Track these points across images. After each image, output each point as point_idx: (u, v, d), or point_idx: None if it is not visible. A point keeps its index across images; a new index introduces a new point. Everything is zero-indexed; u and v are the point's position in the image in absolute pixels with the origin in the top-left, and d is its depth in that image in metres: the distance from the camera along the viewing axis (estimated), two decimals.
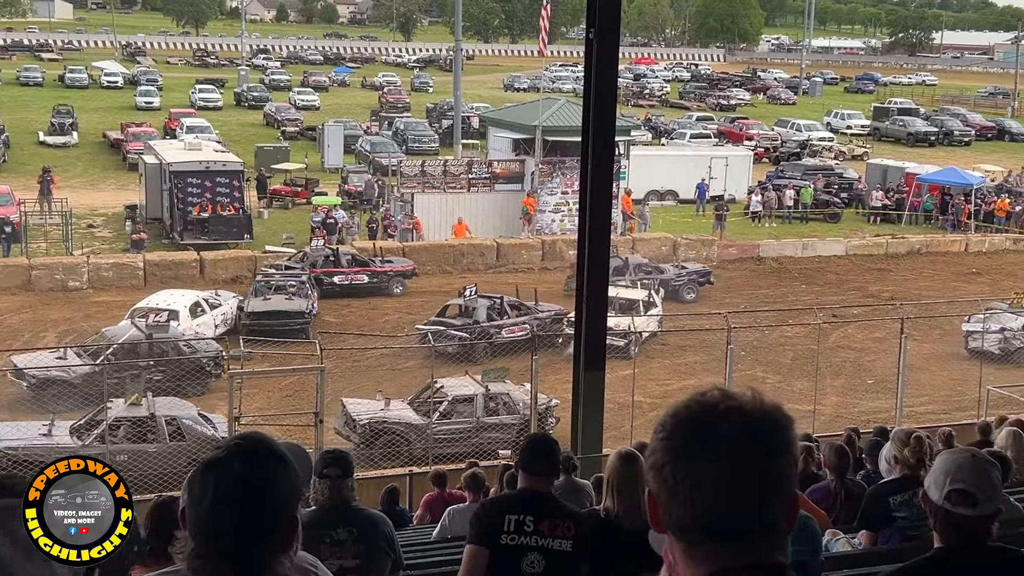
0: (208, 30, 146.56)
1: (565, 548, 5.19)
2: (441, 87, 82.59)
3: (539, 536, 5.20)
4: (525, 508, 5.28)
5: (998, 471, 3.57)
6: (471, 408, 20.06)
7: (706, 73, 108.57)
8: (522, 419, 19.92)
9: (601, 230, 14.30)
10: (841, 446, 8.44)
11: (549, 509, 5.29)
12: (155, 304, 26.58)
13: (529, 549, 5.20)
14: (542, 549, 5.19)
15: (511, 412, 20.18)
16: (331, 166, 49.46)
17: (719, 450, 1.78)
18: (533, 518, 5.23)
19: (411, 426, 19.71)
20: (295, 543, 2.23)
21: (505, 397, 20.33)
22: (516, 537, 5.20)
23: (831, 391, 23.31)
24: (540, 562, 5.19)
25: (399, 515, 11.34)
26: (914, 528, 6.13)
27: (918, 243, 39.35)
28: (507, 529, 5.22)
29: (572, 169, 35.19)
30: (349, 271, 31.44)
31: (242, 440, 2.22)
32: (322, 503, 5.82)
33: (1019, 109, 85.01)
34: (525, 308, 27.82)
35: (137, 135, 51.11)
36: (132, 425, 18.23)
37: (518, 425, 19.90)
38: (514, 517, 5.23)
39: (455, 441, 19.53)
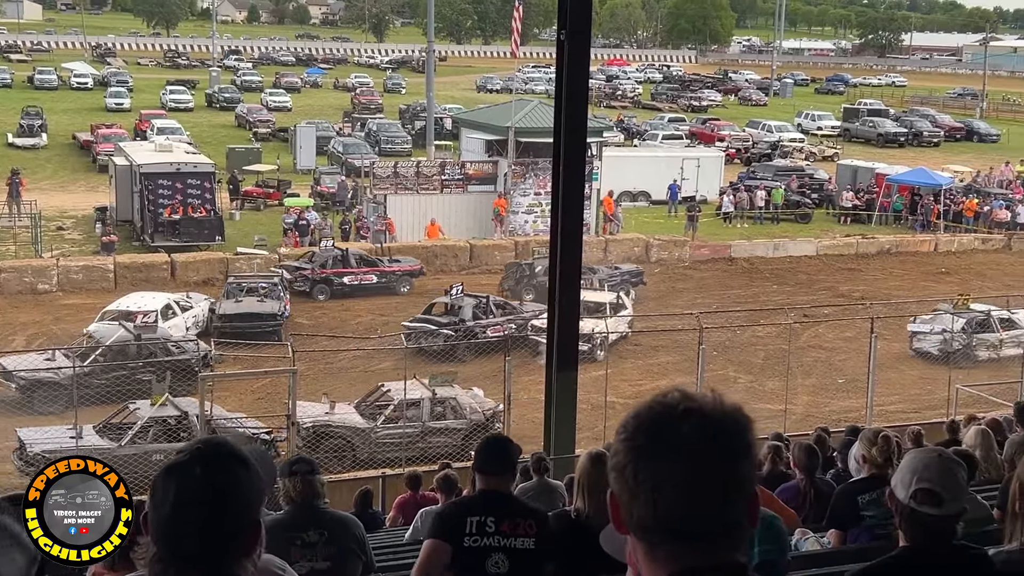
0: (179, 31, 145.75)
1: (528, 546, 5.20)
2: (414, 88, 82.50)
3: (501, 536, 5.20)
4: (486, 509, 5.27)
5: (964, 471, 3.60)
6: (418, 412, 19.90)
7: (678, 74, 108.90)
8: (469, 424, 19.89)
9: (573, 231, 14.32)
10: (810, 445, 8.48)
11: (509, 509, 5.29)
12: (125, 307, 26.43)
13: (493, 550, 5.20)
14: (505, 549, 5.19)
15: (458, 417, 20.06)
16: (303, 168, 49.29)
17: (680, 451, 1.79)
18: (494, 519, 5.23)
19: (356, 430, 19.55)
20: (258, 547, 2.23)
21: (452, 402, 20.20)
22: (479, 539, 5.20)
23: (802, 390, 23.44)
24: (504, 562, 5.19)
25: (372, 517, 11.32)
26: (882, 527, 6.16)
27: (888, 243, 39.62)
28: (469, 531, 5.21)
29: (545, 170, 35.20)
30: (358, 271, 31.61)
31: (204, 444, 2.22)
32: (295, 500, 5.79)
33: (987, 110, 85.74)
34: (511, 308, 27.88)
35: (107, 137, 50.74)
36: (162, 426, 18.19)
37: (465, 430, 19.84)
38: (475, 519, 5.22)
39: (401, 446, 19.40)
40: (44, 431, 18.50)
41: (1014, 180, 50.64)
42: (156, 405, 18.42)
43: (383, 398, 20.48)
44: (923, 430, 11.53)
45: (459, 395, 20.57)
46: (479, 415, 20.19)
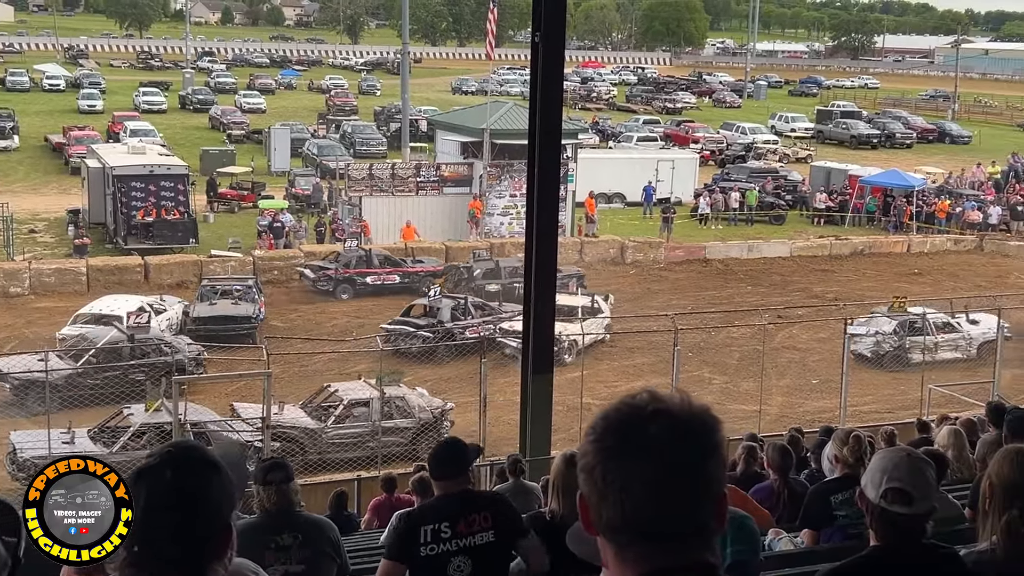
0: (152, 32, 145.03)
1: (488, 540, 5.20)
2: (389, 90, 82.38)
3: (459, 538, 5.19)
4: (439, 516, 5.26)
5: (933, 470, 3.63)
6: (367, 412, 19.87)
7: (652, 76, 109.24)
8: (417, 423, 19.89)
9: (548, 232, 14.33)
10: (784, 446, 8.52)
11: (463, 508, 5.26)
12: (99, 310, 26.28)
13: (452, 554, 5.19)
14: (466, 549, 5.17)
15: (407, 416, 20.04)
16: (278, 169, 49.14)
17: (648, 452, 1.80)
18: (449, 523, 5.21)
19: (306, 431, 19.51)
20: (229, 551, 2.23)
21: (400, 401, 20.17)
22: (435, 546, 5.19)
23: (776, 391, 23.55)
24: (467, 563, 5.18)
25: (347, 520, 11.30)
26: (855, 526, 6.19)
27: (861, 244, 39.85)
28: (424, 541, 5.20)
29: (520, 172, 35.21)
30: (381, 271, 31.92)
31: (174, 448, 2.22)
32: (268, 509, 5.78)
33: (959, 112, 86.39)
34: (489, 308, 27.90)
35: (80, 139, 50.45)
36: (157, 431, 17.98)
37: (414, 429, 19.86)
38: (428, 527, 5.21)
39: (351, 446, 19.44)
40: (36, 435, 18.35)
41: (986, 181, 51.03)
42: (150, 410, 18.32)
43: (330, 398, 20.40)
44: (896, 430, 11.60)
45: (407, 394, 20.51)
46: (428, 414, 20.17)
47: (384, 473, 13.52)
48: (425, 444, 19.68)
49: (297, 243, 36.29)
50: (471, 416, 19.96)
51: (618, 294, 32.00)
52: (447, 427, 20.26)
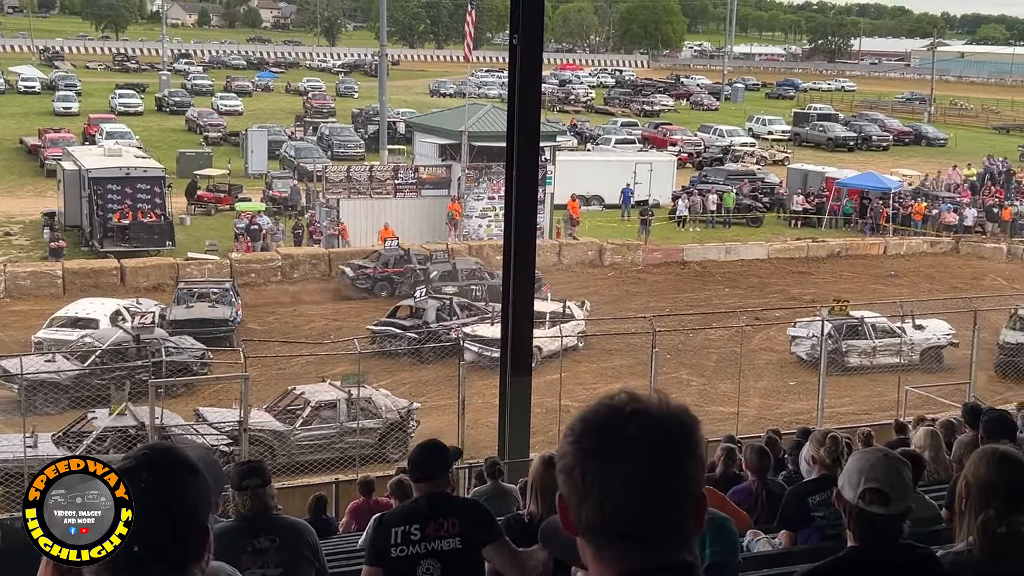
0: (128, 34, 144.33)
1: (455, 546, 5.21)
2: (366, 92, 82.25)
3: (427, 541, 5.21)
4: (409, 518, 5.29)
5: (909, 470, 3.65)
6: (334, 414, 19.87)
7: (630, 79, 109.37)
8: (384, 423, 19.91)
9: (526, 235, 14.35)
10: (762, 447, 8.55)
11: (433, 512, 5.27)
12: (75, 313, 26.14)
13: (421, 557, 5.21)
14: (434, 553, 5.19)
15: (373, 416, 20.05)
16: (255, 172, 48.98)
17: (627, 452, 1.80)
18: (419, 525, 5.23)
19: (274, 433, 19.50)
20: (206, 553, 2.22)
21: (366, 402, 20.15)
22: (405, 548, 5.22)
23: (754, 393, 23.63)
24: (436, 567, 5.19)
25: (326, 523, 11.26)
26: (832, 527, 6.22)
27: (838, 246, 40.03)
28: (395, 542, 5.23)
29: (498, 174, 35.21)
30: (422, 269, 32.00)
31: (150, 450, 2.20)
32: (245, 512, 5.76)
33: (935, 114, 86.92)
34: (475, 309, 27.89)
35: (55, 141, 50.15)
36: (120, 435, 17.92)
37: (381, 429, 19.90)
38: (399, 529, 5.24)
39: (319, 448, 19.46)
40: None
41: (962, 184, 51.35)
42: (114, 414, 18.18)
43: (296, 401, 20.36)
44: (873, 431, 11.66)
45: (373, 395, 20.53)
46: (394, 414, 20.17)
47: (362, 476, 13.52)
48: (392, 444, 19.80)
49: (274, 246, 36.18)
50: (450, 418, 19.95)
51: (596, 296, 32.07)
52: (414, 427, 20.28)
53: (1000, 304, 29.14)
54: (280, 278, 33.33)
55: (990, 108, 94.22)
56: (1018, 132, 79.11)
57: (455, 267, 31.78)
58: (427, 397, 23.25)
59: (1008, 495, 3.61)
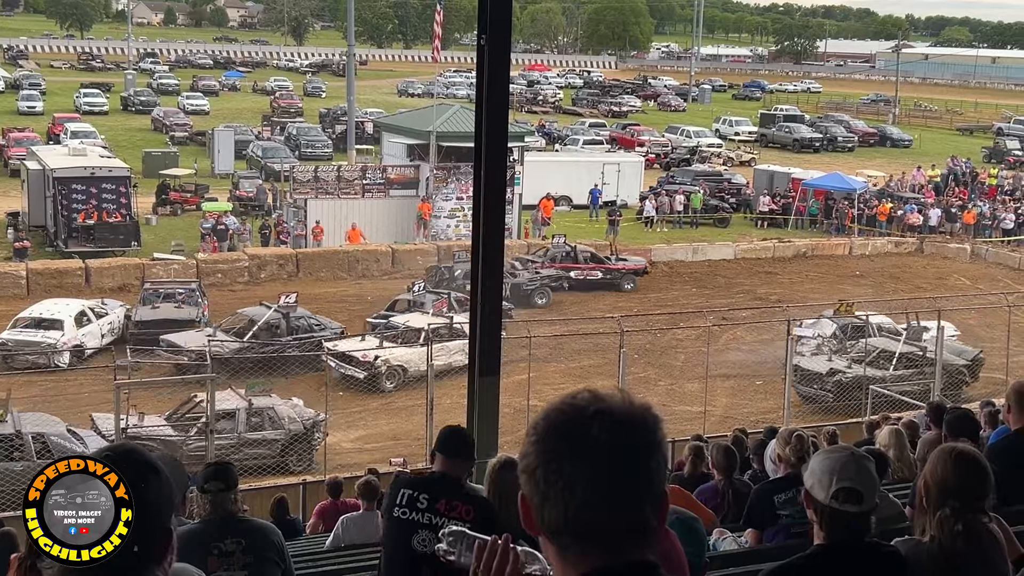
0: (93, 33, 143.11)
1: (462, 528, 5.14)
2: (334, 92, 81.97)
3: (432, 514, 5.18)
4: (423, 486, 5.31)
5: (875, 466, 3.69)
6: (232, 423, 19.09)
7: (598, 80, 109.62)
8: (287, 434, 19.39)
9: (494, 235, 14.32)
10: (728, 446, 8.59)
11: (450, 490, 5.26)
12: (39, 313, 25.91)
13: (420, 526, 5.18)
14: (436, 528, 5.12)
15: (276, 427, 19.48)
16: (221, 171, 48.70)
17: (590, 452, 1.80)
18: (428, 495, 5.23)
19: (165, 443, 18.48)
20: (169, 555, 2.21)
21: (270, 412, 19.61)
22: (407, 512, 5.21)
23: (721, 392, 23.73)
24: (432, 540, 5.09)
25: (290, 525, 11.23)
26: (799, 525, 6.25)
27: (804, 247, 40.28)
28: (399, 502, 5.24)
29: (467, 175, 35.17)
30: (585, 267, 33.17)
31: (112, 451, 2.19)
32: (205, 517, 5.74)
33: (900, 116, 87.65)
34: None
35: (19, 140, 49.66)
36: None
37: (283, 440, 19.36)
38: (408, 491, 5.25)
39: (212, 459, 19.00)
40: None
41: (926, 184, 51.82)
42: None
43: (196, 409, 19.44)
44: (838, 431, 11.75)
45: (276, 404, 19.90)
46: (298, 425, 19.64)
47: (330, 477, 13.46)
48: (294, 457, 19.29)
49: (241, 246, 35.99)
50: (419, 419, 19.92)
51: (563, 295, 32.15)
52: (319, 439, 19.75)
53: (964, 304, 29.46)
54: (247, 279, 33.17)
55: (954, 109, 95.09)
56: (981, 133, 79.88)
57: (450, 270, 31.95)
58: (394, 397, 23.24)
59: (964, 493, 3.66)
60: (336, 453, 19.78)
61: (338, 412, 21.38)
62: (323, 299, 31.42)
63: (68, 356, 24.72)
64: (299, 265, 34.02)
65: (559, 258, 33.40)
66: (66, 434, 17.98)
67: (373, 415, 22.58)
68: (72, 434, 18.13)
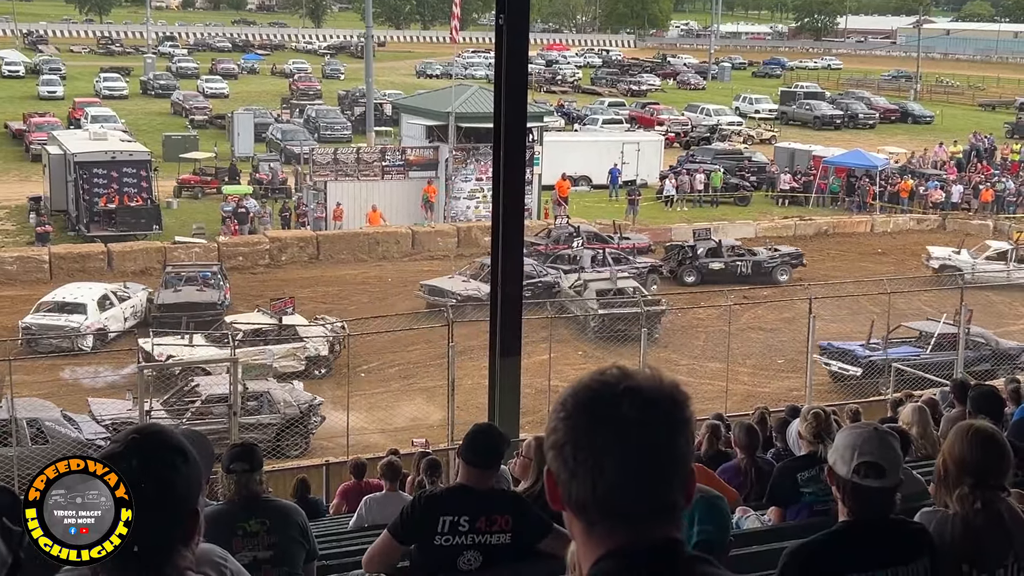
0: (112, 17, 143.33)
1: (504, 541, 5.11)
2: (353, 74, 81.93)
3: (475, 534, 5.11)
4: (460, 508, 5.15)
5: (899, 442, 3.68)
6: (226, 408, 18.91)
7: (617, 59, 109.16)
8: (283, 418, 19.43)
9: (514, 216, 14.31)
10: (750, 425, 8.57)
11: (486, 505, 5.16)
12: (62, 298, 26.06)
13: (465, 548, 5.11)
14: (480, 546, 5.09)
15: (272, 411, 19.54)
16: (241, 155, 48.76)
17: (619, 430, 1.80)
18: (469, 517, 5.12)
19: None
20: (196, 536, 2.22)
21: (266, 396, 19.66)
22: (451, 538, 5.11)
23: (743, 372, 23.68)
24: (478, 558, 5.10)
25: (312, 505, 11.29)
26: (822, 503, 6.24)
27: (825, 224, 40.08)
28: (441, 531, 5.12)
29: (486, 155, 35.12)
30: (588, 247, 32.95)
31: (139, 433, 2.19)
32: (230, 498, 5.77)
33: (921, 92, 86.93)
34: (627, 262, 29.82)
35: (40, 125, 49.92)
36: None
37: (279, 424, 19.42)
38: (449, 519, 5.11)
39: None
40: None
41: (948, 161, 51.45)
42: None
43: (191, 393, 19.60)
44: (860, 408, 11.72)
45: (272, 388, 19.99)
46: (294, 409, 19.71)
47: (353, 458, 13.52)
48: (290, 440, 19.36)
49: (262, 229, 36.08)
50: (440, 399, 19.96)
51: None
52: (315, 422, 19.86)
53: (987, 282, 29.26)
54: (268, 261, 33.27)
55: (976, 85, 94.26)
56: (1003, 109, 79.19)
57: (720, 244, 32.97)
58: (416, 379, 23.28)
59: (982, 470, 3.66)
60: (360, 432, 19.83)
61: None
62: (344, 281, 31.52)
63: (92, 340, 24.85)
64: (319, 248, 34.08)
65: (562, 239, 33.18)
66: (60, 419, 17.94)
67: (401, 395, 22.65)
68: (67, 419, 18.12)
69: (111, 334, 25.43)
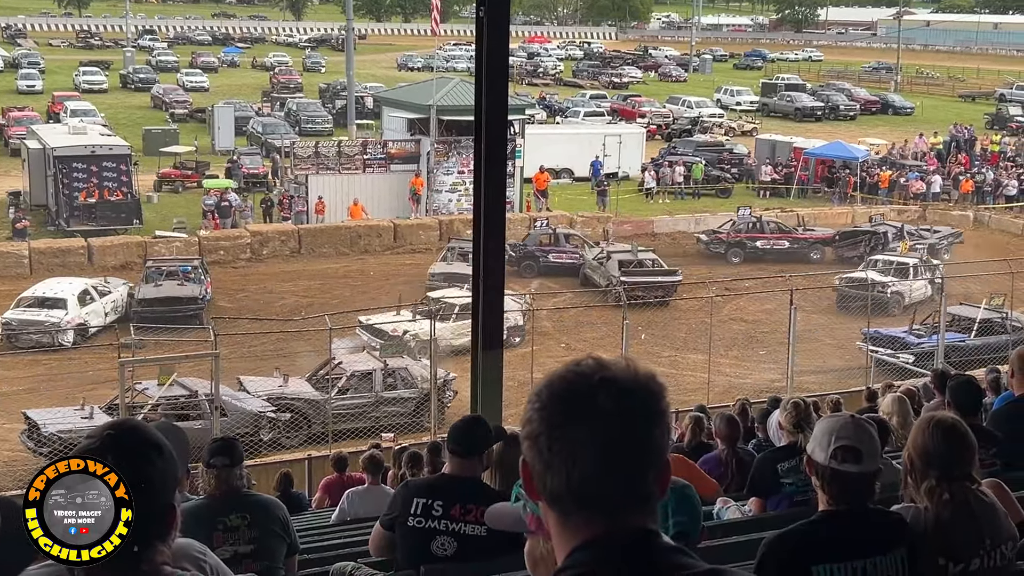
0: (91, 11, 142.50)
1: (479, 533, 5.12)
2: (334, 67, 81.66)
3: (449, 520, 5.15)
4: (435, 493, 5.22)
5: (876, 431, 3.70)
6: (369, 383, 20.34)
7: (598, 51, 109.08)
8: (420, 393, 20.20)
9: (496, 209, 14.29)
10: (731, 416, 8.60)
11: (463, 494, 5.18)
12: (42, 293, 25.94)
13: (438, 532, 5.15)
14: (453, 533, 5.13)
15: (409, 386, 20.44)
16: (222, 148, 48.59)
17: (594, 420, 1.79)
18: (442, 502, 5.17)
19: (310, 402, 19.80)
20: (173, 531, 2.22)
21: (403, 372, 20.62)
22: (423, 520, 5.17)
23: (724, 363, 23.74)
24: (451, 544, 5.14)
25: (295, 499, 11.28)
26: (802, 493, 6.26)
27: (806, 216, 40.18)
28: (414, 512, 5.19)
29: (468, 148, 35.06)
30: (771, 236, 34.56)
31: (114, 429, 2.19)
32: (211, 493, 5.76)
33: (902, 84, 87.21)
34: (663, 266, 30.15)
35: (19, 119, 49.68)
36: (171, 405, 18.42)
37: (417, 399, 20.23)
38: (422, 501, 5.19)
39: (354, 416, 19.74)
40: (54, 412, 18.44)
41: (928, 152, 51.66)
42: (166, 385, 18.49)
43: (335, 370, 20.76)
44: (841, 399, 11.76)
45: (410, 365, 20.91)
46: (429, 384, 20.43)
47: (335, 452, 13.52)
48: (428, 414, 19.98)
49: (243, 222, 35.97)
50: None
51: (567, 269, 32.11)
52: (450, 396, 20.53)
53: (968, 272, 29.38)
54: (249, 255, 33.18)
55: (956, 76, 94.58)
56: (984, 100, 79.51)
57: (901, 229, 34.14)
58: None
59: (946, 462, 3.67)
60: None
61: None
62: (326, 275, 31.46)
63: (72, 335, 24.75)
64: (301, 241, 34.03)
65: (745, 229, 34.62)
66: (235, 393, 19.22)
67: None
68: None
69: (92, 329, 25.33)
